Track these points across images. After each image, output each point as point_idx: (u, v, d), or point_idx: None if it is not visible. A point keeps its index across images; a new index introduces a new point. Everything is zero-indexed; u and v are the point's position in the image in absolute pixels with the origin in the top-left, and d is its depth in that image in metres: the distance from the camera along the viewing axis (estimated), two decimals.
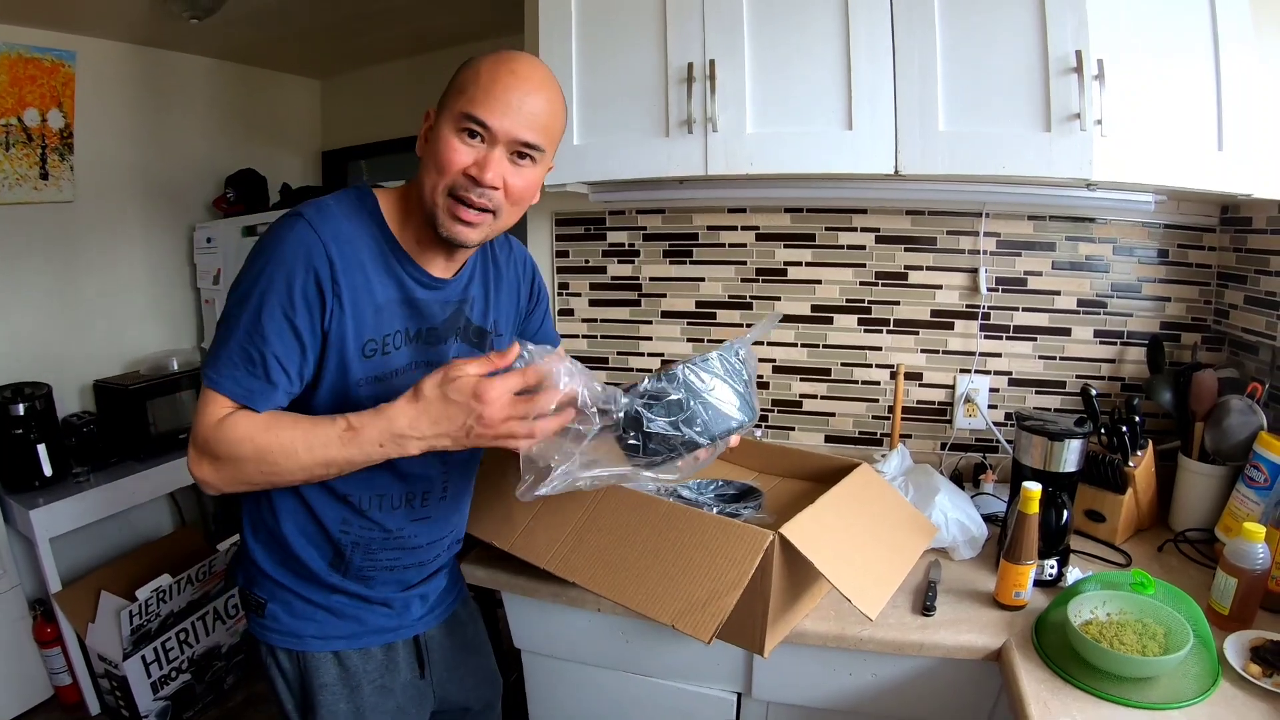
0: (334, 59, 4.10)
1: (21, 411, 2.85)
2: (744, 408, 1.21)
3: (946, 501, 1.72)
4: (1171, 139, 1.62)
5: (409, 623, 1.46)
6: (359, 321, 1.19)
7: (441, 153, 1.15)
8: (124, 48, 3.39)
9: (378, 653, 1.41)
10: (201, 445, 1.12)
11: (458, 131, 1.14)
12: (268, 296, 1.12)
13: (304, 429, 1.11)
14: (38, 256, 3.17)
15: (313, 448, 1.09)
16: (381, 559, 1.37)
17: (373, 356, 1.22)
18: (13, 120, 3.00)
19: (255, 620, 1.38)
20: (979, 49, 1.63)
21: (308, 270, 1.13)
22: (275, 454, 1.10)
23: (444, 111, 1.17)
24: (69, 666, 2.96)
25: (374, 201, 1.23)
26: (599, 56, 1.87)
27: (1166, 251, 2.03)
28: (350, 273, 1.16)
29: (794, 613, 1.48)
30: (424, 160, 1.19)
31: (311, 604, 1.35)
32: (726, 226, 2.31)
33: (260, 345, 1.12)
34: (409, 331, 1.26)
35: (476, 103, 1.13)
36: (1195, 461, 1.79)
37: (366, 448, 1.09)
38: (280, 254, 1.13)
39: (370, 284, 1.19)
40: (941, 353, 2.19)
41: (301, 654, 1.36)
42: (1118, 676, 1.27)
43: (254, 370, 1.13)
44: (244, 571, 1.39)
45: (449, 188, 1.16)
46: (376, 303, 1.20)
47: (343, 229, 1.17)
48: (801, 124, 1.75)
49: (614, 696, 1.76)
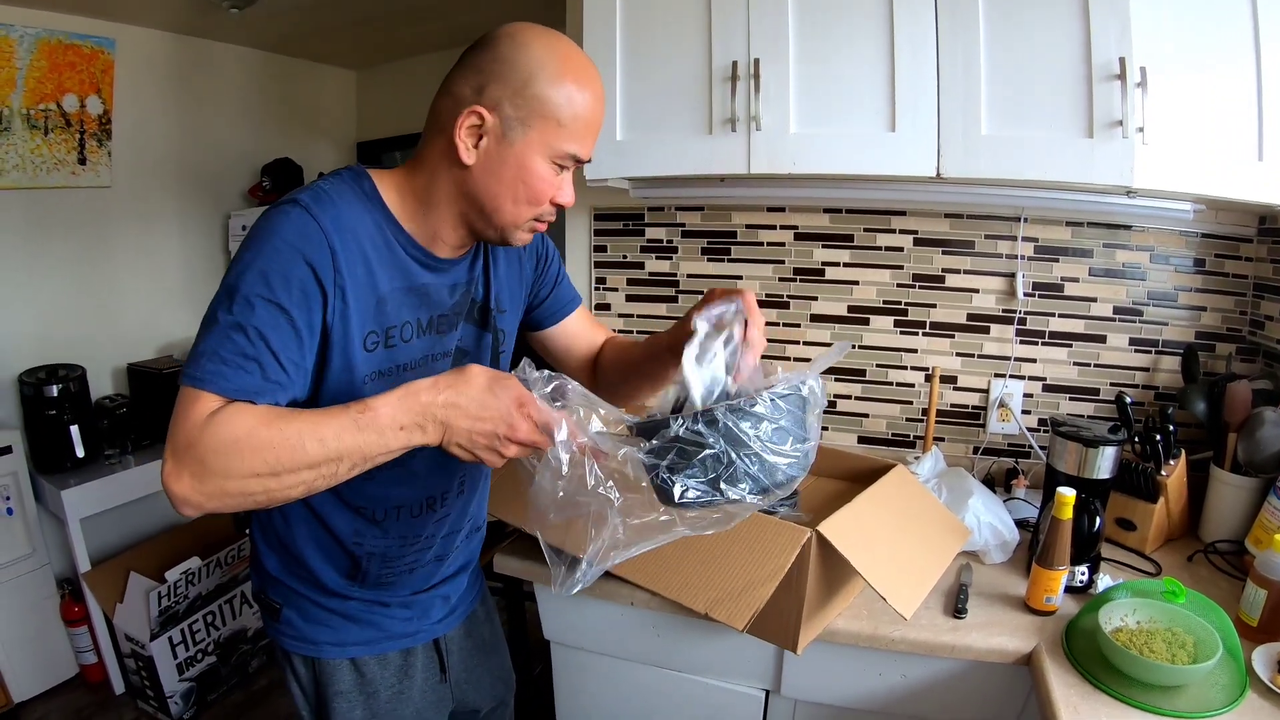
0: (370, 51, 4.12)
1: (55, 393, 2.89)
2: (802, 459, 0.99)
3: (980, 505, 1.72)
4: (1212, 148, 1.61)
5: (428, 626, 1.42)
6: (361, 313, 1.09)
7: (535, 185, 1.11)
8: (164, 36, 3.42)
9: (395, 658, 1.37)
10: (182, 450, 0.92)
11: (552, 164, 1.11)
12: (261, 288, 0.99)
13: (311, 419, 0.94)
14: (74, 240, 3.21)
15: (324, 439, 0.93)
16: (399, 565, 1.33)
17: (375, 350, 1.13)
18: (52, 105, 3.03)
19: (271, 624, 1.35)
20: (1023, 53, 1.62)
21: (307, 261, 1.02)
22: (278, 450, 0.92)
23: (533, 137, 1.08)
24: (95, 645, 2.99)
25: (372, 184, 1.13)
26: (643, 53, 1.88)
27: (1203, 261, 2.02)
28: (352, 262, 1.06)
29: (827, 611, 1.48)
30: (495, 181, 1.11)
31: (327, 610, 1.31)
32: (765, 225, 2.31)
33: (254, 338, 0.99)
34: (420, 322, 1.18)
35: (579, 141, 1.10)
36: (1227, 472, 1.78)
37: (385, 433, 0.95)
38: (275, 244, 1.01)
39: (372, 273, 1.10)
40: (976, 357, 2.19)
41: (317, 660, 1.32)
42: (1146, 684, 1.27)
43: (246, 366, 0.98)
44: (257, 575, 1.36)
45: (538, 216, 1.15)
46: (379, 293, 1.11)
47: (343, 216, 1.06)
48: (845, 124, 1.75)
49: (641, 690, 1.77)
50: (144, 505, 3.17)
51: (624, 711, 1.82)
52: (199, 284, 3.76)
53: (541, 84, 1.06)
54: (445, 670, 1.47)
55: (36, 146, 3.01)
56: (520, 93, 1.06)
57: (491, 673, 1.62)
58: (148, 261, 3.51)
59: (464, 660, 1.53)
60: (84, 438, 2.98)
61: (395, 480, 1.22)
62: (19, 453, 2.83)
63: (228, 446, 0.91)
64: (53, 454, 2.94)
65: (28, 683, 2.92)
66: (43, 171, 3.05)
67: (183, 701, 2.86)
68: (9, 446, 2.80)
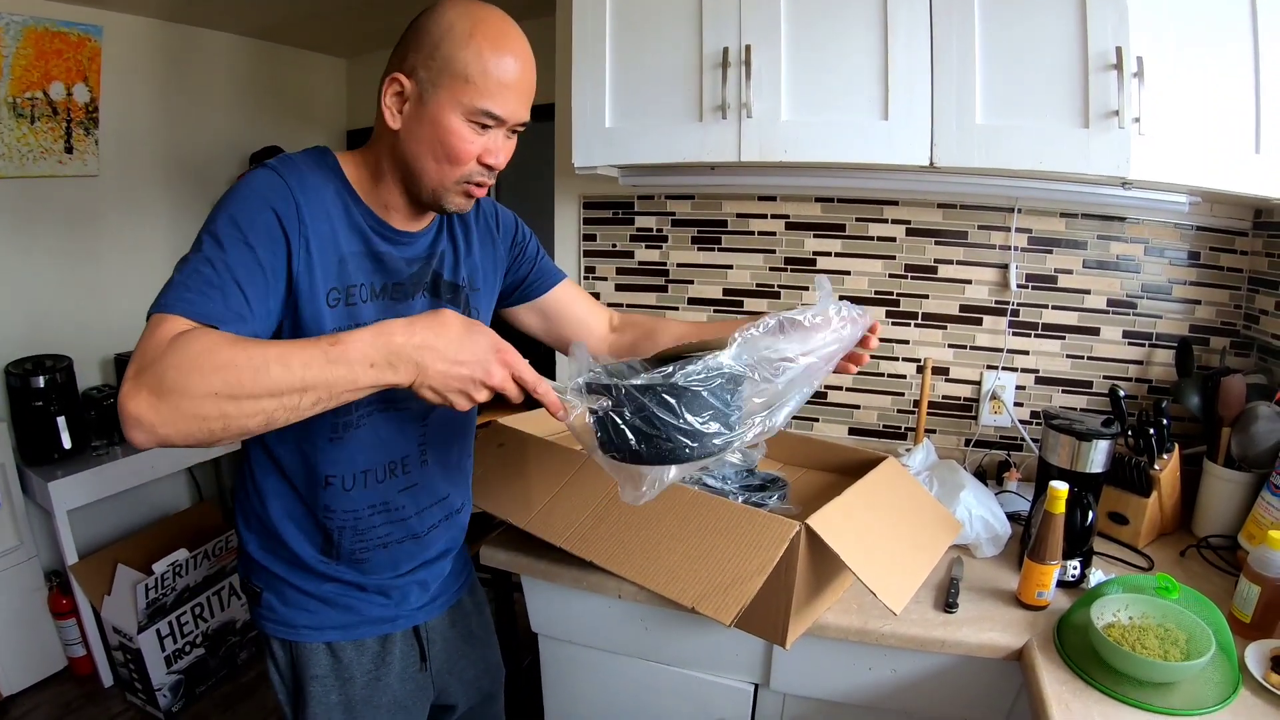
0: (361, 38, 4.08)
1: (42, 384, 2.87)
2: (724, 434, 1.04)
3: (971, 498, 1.71)
4: (1208, 140, 1.61)
5: (406, 613, 1.43)
6: (324, 268, 1.14)
7: (456, 145, 1.13)
8: (151, 23, 3.38)
9: (372, 644, 1.39)
10: (142, 369, 0.89)
11: (468, 122, 1.13)
12: (229, 228, 1.04)
13: (280, 347, 0.91)
14: (61, 230, 3.18)
15: (290, 365, 0.89)
16: (371, 538, 1.33)
17: (336, 306, 1.16)
18: (38, 94, 3.00)
19: (254, 609, 1.37)
20: (1019, 42, 1.62)
21: (273, 209, 1.07)
22: (241, 371, 0.88)
23: (444, 95, 1.12)
24: (83, 638, 2.98)
25: (334, 160, 1.21)
26: (633, 39, 1.86)
27: (1198, 254, 2.01)
28: (316, 220, 1.12)
29: (816, 605, 1.47)
30: (417, 143, 1.15)
31: (304, 594, 1.33)
32: (756, 214, 2.30)
33: (220, 270, 1.00)
34: (374, 286, 1.22)
35: (491, 96, 1.12)
36: (1221, 467, 1.78)
37: (355, 367, 0.92)
38: (244, 194, 1.08)
39: (335, 233, 1.16)
40: (969, 348, 2.18)
41: (294, 644, 1.34)
42: (1139, 680, 1.26)
43: (210, 294, 0.98)
44: (241, 560, 1.38)
45: (464, 177, 1.17)
46: (341, 252, 1.17)
47: (308, 179, 1.13)
48: (837, 113, 1.74)
49: (630, 683, 1.76)
50: (132, 497, 3.16)
51: (612, 705, 1.80)
52: None
53: (450, 44, 1.10)
54: (425, 659, 1.47)
55: (23, 135, 2.97)
56: (431, 55, 1.11)
57: (476, 666, 1.61)
58: (135, 251, 3.47)
59: (447, 651, 1.53)
60: (71, 429, 2.96)
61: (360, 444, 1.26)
62: (5, 444, 2.81)
63: (189, 362, 0.88)
64: (40, 445, 2.92)
65: (16, 676, 2.91)
66: (29, 160, 3.01)
67: (171, 694, 2.85)
68: None
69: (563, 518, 1.54)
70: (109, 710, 2.90)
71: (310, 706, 1.34)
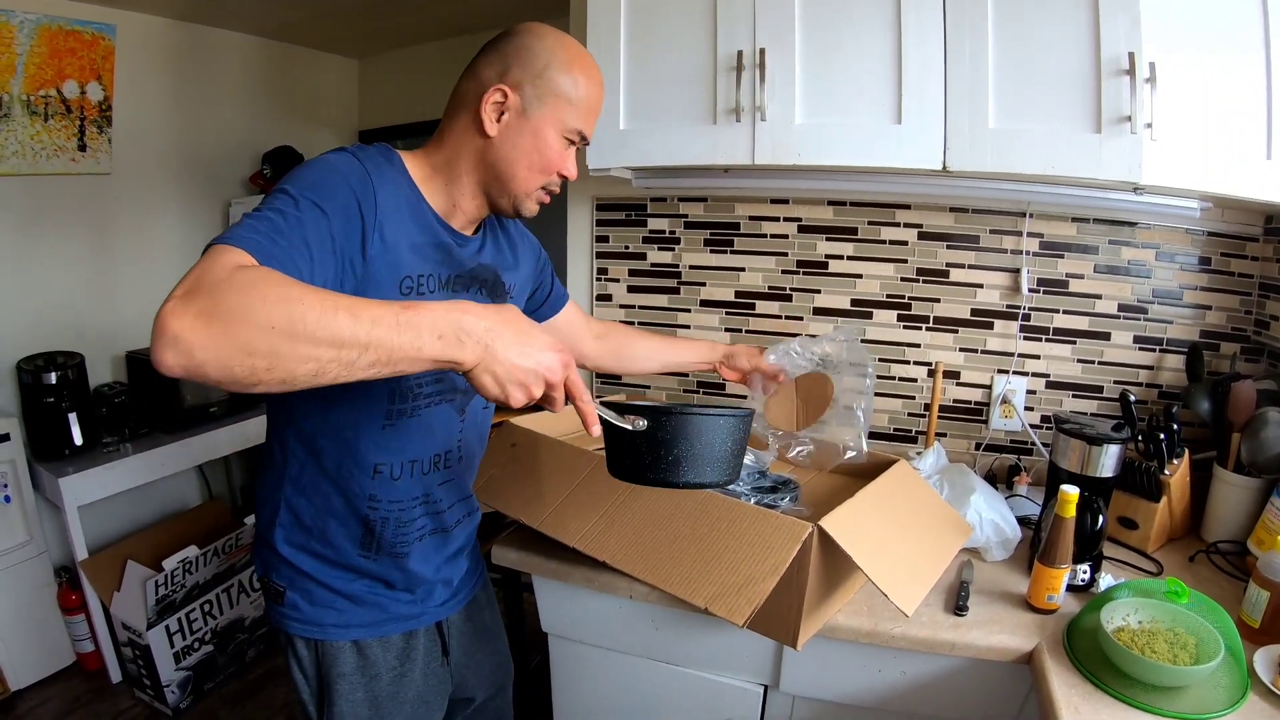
0: (373, 39, 4.11)
1: (54, 380, 2.89)
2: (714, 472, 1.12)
3: (982, 502, 1.71)
4: (1220, 146, 1.60)
5: (431, 609, 1.44)
6: (397, 256, 1.17)
7: (549, 155, 1.25)
8: (164, 22, 3.41)
9: (398, 641, 1.39)
10: (194, 289, 0.82)
11: (563, 139, 1.25)
12: (309, 190, 1.04)
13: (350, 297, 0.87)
14: (74, 227, 3.20)
15: (359, 317, 0.84)
16: (411, 530, 1.36)
17: (409, 294, 1.20)
18: (52, 92, 3.02)
19: (274, 608, 1.36)
20: (1031, 47, 1.61)
21: (352, 189, 1.10)
22: (307, 307, 0.82)
23: (548, 113, 1.23)
24: (92, 634, 2.99)
25: (399, 158, 1.25)
26: (647, 42, 1.87)
27: (1209, 259, 2.01)
28: (390, 208, 1.16)
29: (827, 607, 1.48)
30: (513, 150, 1.24)
31: (333, 591, 1.33)
32: (769, 217, 2.30)
33: (291, 223, 0.99)
34: (441, 277, 1.26)
35: (586, 120, 1.27)
36: (1230, 472, 1.77)
37: (423, 335, 0.87)
38: (325, 169, 1.10)
39: (407, 223, 1.20)
40: (980, 352, 2.18)
41: (320, 643, 1.34)
42: (1148, 684, 1.26)
43: (279, 241, 0.95)
44: (261, 558, 1.37)
45: (547, 185, 1.29)
46: (413, 241, 1.21)
47: (383, 169, 1.18)
48: (850, 116, 1.74)
49: (639, 684, 1.76)
50: (142, 494, 3.17)
51: (622, 705, 1.81)
52: None
53: (555, 70, 1.22)
54: (447, 654, 1.49)
55: (36, 133, 2.99)
56: (540, 76, 1.22)
57: (491, 659, 1.64)
58: (147, 249, 3.49)
59: (464, 645, 1.55)
60: (82, 425, 2.97)
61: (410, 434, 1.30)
62: (17, 440, 2.82)
63: (253, 284, 0.82)
64: (51, 442, 2.93)
65: (25, 671, 2.92)
66: (42, 158, 3.03)
67: (179, 690, 2.86)
68: (7, 434, 2.78)
69: (575, 518, 1.54)
70: (117, 706, 2.91)
71: (337, 705, 1.35)
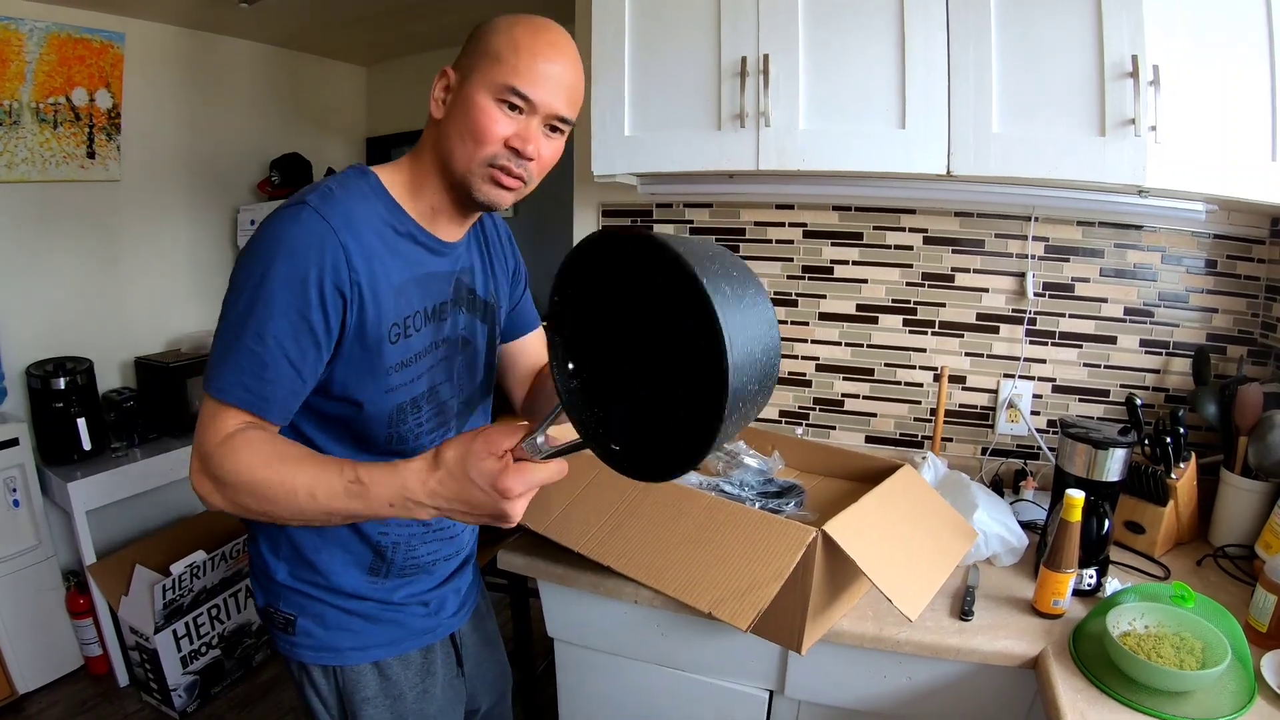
0: (380, 46, 4.12)
1: (62, 385, 2.90)
2: None
3: (985, 516, 1.70)
4: (1225, 148, 1.60)
5: (445, 621, 1.41)
6: (382, 307, 1.12)
7: (481, 122, 1.10)
8: (173, 30, 3.42)
9: (416, 657, 1.36)
10: (203, 460, 1.03)
11: (497, 101, 1.10)
12: (279, 295, 1.03)
13: (310, 472, 0.99)
14: (83, 234, 3.22)
15: (316, 495, 0.97)
16: (422, 553, 1.33)
17: (398, 341, 1.16)
18: (61, 99, 3.03)
19: (283, 639, 1.30)
20: (1034, 50, 1.61)
21: (322, 264, 1.04)
22: (275, 491, 0.98)
23: (476, 77, 1.11)
24: (100, 638, 3.00)
25: (376, 180, 1.17)
26: (652, 48, 1.87)
27: (1215, 262, 2.00)
28: (367, 257, 1.09)
29: (832, 612, 1.47)
30: (451, 125, 1.14)
31: (347, 613, 1.29)
32: (774, 223, 2.30)
33: (273, 350, 1.04)
34: (427, 310, 1.21)
35: (519, 74, 1.09)
36: (1237, 476, 1.77)
37: (374, 505, 0.96)
38: (290, 246, 1.04)
39: (387, 266, 1.13)
40: (986, 356, 2.18)
41: (339, 669, 1.29)
42: (1154, 689, 1.26)
43: (264, 375, 1.04)
44: (264, 589, 1.31)
45: (489, 158, 1.12)
46: (394, 285, 1.15)
47: (352, 212, 1.10)
48: (854, 121, 1.74)
49: (645, 689, 1.76)
50: (150, 498, 3.18)
51: (627, 710, 1.81)
52: (207, 278, 3.76)
53: (491, 34, 1.13)
54: (462, 664, 1.47)
55: (46, 140, 3.01)
56: (476, 48, 1.14)
57: (495, 667, 1.63)
58: (156, 255, 3.51)
59: (475, 655, 1.53)
60: (91, 430, 2.98)
61: None
62: (26, 445, 2.83)
63: (234, 477, 1.00)
64: (59, 446, 2.95)
65: (32, 674, 2.93)
66: (52, 165, 3.05)
67: (186, 694, 2.87)
68: (16, 439, 2.79)
69: (580, 523, 1.54)
70: (124, 709, 2.92)
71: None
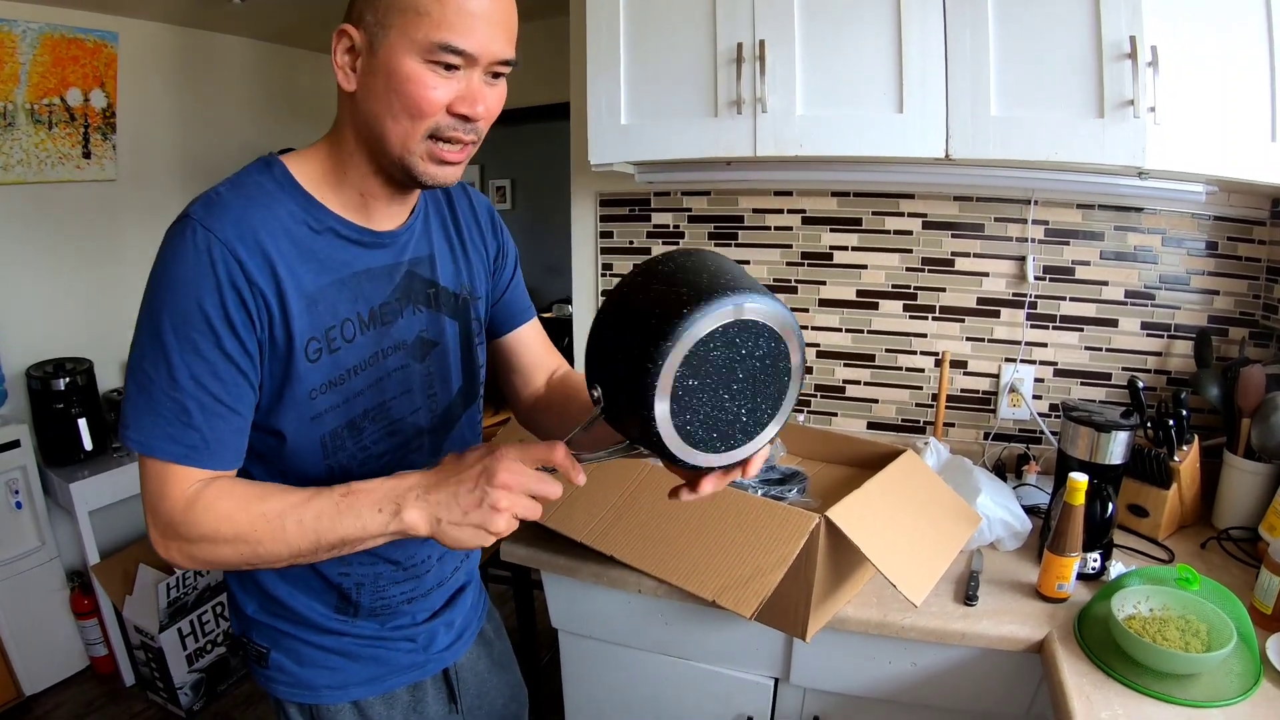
0: None
1: (63, 386, 2.91)
2: None
3: (989, 501, 1.69)
4: (1224, 129, 1.59)
5: (434, 655, 1.30)
6: (293, 324, 0.98)
7: (414, 93, 0.93)
8: (166, 29, 3.42)
9: (403, 695, 1.25)
10: (166, 529, 0.94)
11: (428, 64, 0.92)
12: (182, 329, 0.92)
13: (294, 502, 0.92)
14: (80, 234, 3.22)
15: (303, 521, 0.90)
16: (393, 593, 1.21)
17: (318, 359, 1.02)
18: (55, 100, 3.03)
19: (259, 671, 1.21)
20: (1032, 32, 1.60)
21: (215, 283, 0.92)
22: (260, 534, 0.91)
23: (393, 36, 0.92)
24: (105, 638, 3.01)
25: (283, 169, 1.01)
26: (647, 36, 1.86)
27: (1216, 244, 1.99)
28: (268, 267, 0.96)
29: (836, 598, 1.47)
30: (373, 100, 0.96)
31: (322, 650, 1.18)
32: (772, 209, 2.29)
33: (193, 390, 0.93)
34: (362, 316, 1.06)
35: (450, 26, 0.91)
36: (1241, 458, 1.76)
37: (364, 515, 0.90)
38: (180, 273, 0.92)
39: (295, 274, 0.98)
40: (987, 341, 2.17)
41: (315, 707, 1.19)
42: (1159, 672, 1.26)
43: (191, 421, 0.93)
44: (237, 619, 1.22)
45: (430, 130, 0.96)
46: (307, 293, 1.00)
47: (245, 218, 0.95)
48: (851, 106, 1.73)
49: (650, 678, 1.76)
50: None
51: (632, 699, 1.81)
52: None
53: None
54: (456, 699, 1.36)
55: (41, 141, 3.00)
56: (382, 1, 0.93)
57: (505, 693, 1.50)
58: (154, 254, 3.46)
59: (477, 685, 1.42)
60: (92, 430, 2.99)
61: None
62: (27, 446, 2.84)
63: (209, 537, 0.92)
64: (61, 447, 2.95)
65: (38, 675, 2.94)
66: (47, 166, 3.04)
67: (192, 692, 2.87)
68: (17, 440, 2.80)
69: (583, 513, 1.54)
70: (131, 709, 2.93)
71: None
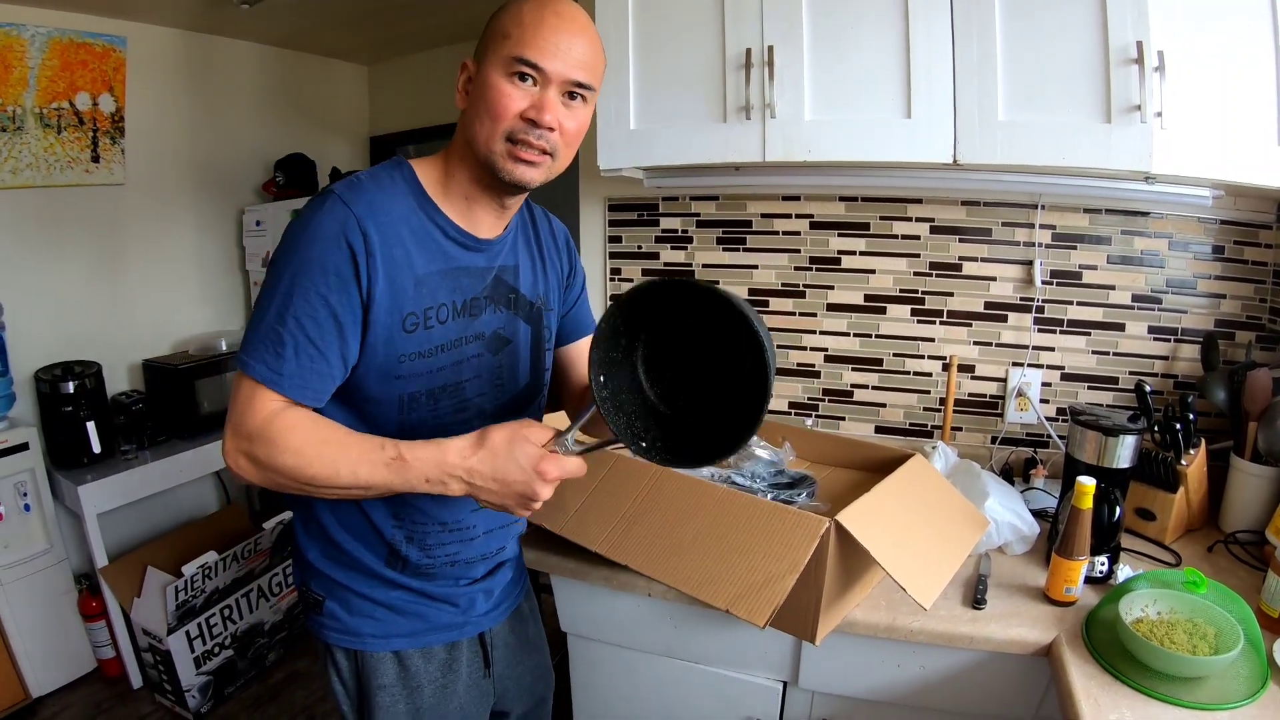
0: (382, 45, 4.13)
1: (71, 389, 2.91)
2: None
3: (997, 505, 1.69)
4: (1231, 133, 1.60)
5: (473, 619, 1.40)
6: (399, 295, 1.14)
7: (494, 99, 1.11)
8: (175, 33, 3.43)
9: (440, 652, 1.36)
10: (244, 437, 1.09)
11: (508, 76, 1.10)
12: (300, 278, 1.08)
13: (353, 450, 1.08)
14: (89, 238, 3.23)
15: (357, 471, 1.07)
16: (439, 554, 1.33)
17: (414, 331, 1.17)
18: (65, 104, 3.05)
19: (313, 617, 1.34)
20: (1039, 37, 1.61)
21: (341, 246, 1.09)
22: (317, 469, 1.06)
23: (488, 58, 1.12)
24: (113, 640, 3.00)
25: (410, 171, 1.20)
26: (656, 42, 1.87)
27: (1222, 248, 2.00)
28: (388, 245, 1.12)
29: (845, 601, 1.48)
30: (470, 111, 1.15)
31: (371, 601, 1.31)
32: (780, 214, 2.30)
33: (293, 329, 1.08)
34: (455, 305, 1.22)
35: (526, 45, 1.09)
36: (1248, 462, 1.77)
37: (411, 479, 1.07)
38: (312, 232, 1.09)
39: (410, 256, 1.15)
40: (994, 345, 2.17)
41: (359, 653, 1.32)
42: (1167, 675, 1.26)
43: (283, 353, 1.09)
44: (299, 568, 1.36)
45: (507, 133, 1.12)
46: (416, 275, 1.16)
47: (378, 201, 1.13)
48: (860, 111, 1.74)
49: (658, 681, 1.77)
50: (161, 500, 3.20)
51: (640, 703, 1.81)
52: (214, 279, 3.78)
53: (502, 16, 1.14)
54: (489, 665, 1.46)
55: (50, 145, 3.02)
56: (487, 32, 1.15)
57: (533, 671, 1.60)
58: (162, 257, 3.52)
59: (508, 657, 1.52)
60: (100, 434, 3.00)
61: None
62: (36, 449, 2.84)
63: (279, 453, 1.07)
64: (69, 450, 2.96)
65: (46, 677, 2.94)
66: (56, 170, 3.06)
67: (200, 695, 2.88)
68: (26, 443, 2.80)
69: (597, 521, 1.54)
70: (138, 711, 2.93)
71: (377, 716, 1.32)
